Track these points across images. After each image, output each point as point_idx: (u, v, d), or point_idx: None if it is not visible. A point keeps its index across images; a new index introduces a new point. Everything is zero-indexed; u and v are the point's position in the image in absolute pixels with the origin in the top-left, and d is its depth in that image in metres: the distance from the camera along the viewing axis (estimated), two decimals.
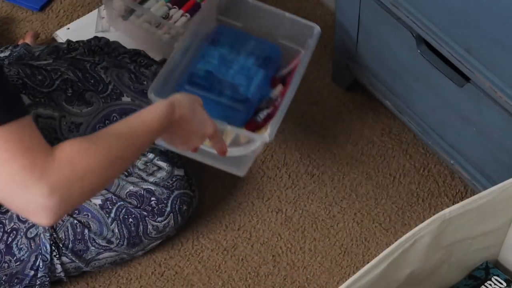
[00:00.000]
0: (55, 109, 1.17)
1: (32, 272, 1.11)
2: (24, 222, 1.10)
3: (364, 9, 1.22)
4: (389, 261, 0.83)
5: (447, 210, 0.87)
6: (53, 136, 1.17)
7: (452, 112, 1.15)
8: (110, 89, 1.22)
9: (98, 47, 1.32)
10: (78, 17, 1.60)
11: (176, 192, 1.18)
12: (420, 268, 0.91)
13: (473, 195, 1.26)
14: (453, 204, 1.28)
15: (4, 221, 1.10)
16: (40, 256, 1.11)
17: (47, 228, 1.10)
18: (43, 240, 1.10)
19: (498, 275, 1.01)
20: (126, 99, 1.23)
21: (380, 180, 1.32)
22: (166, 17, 1.50)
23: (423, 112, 1.25)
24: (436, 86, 1.15)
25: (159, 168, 1.17)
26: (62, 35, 1.56)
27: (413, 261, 0.88)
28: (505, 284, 1.01)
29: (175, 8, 1.51)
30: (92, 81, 1.22)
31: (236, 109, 1.22)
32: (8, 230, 1.10)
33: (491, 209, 0.92)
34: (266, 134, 1.12)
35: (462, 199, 1.28)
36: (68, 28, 1.57)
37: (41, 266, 1.11)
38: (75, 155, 0.79)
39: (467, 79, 1.06)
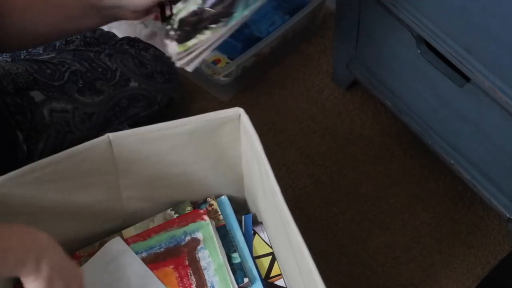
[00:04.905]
0: (68, 102, 1.18)
1: None
2: None
3: (364, 9, 1.22)
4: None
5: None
6: (66, 129, 1.18)
7: (452, 112, 1.15)
8: (118, 75, 1.24)
9: (93, 38, 1.33)
10: None
11: None
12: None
13: (473, 195, 1.26)
14: (452, 204, 1.28)
15: None
16: None
17: None
18: None
19: None
20: (133, 84, 1.24)
21: (379, 180, 1.32)
22: None
23: (423, 112, 1.25)
24: (436, 86, 1.15)
25: None
26: None
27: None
28: None
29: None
30: (100, 70, 1.23)
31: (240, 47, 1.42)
32: None
33: None
34: None
35: (462, 199, 1.29)
36: None
37: None
38: None
39: (467, 79, 1.06)
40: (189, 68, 0.97)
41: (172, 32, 0.95)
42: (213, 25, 0.99)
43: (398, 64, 1.23)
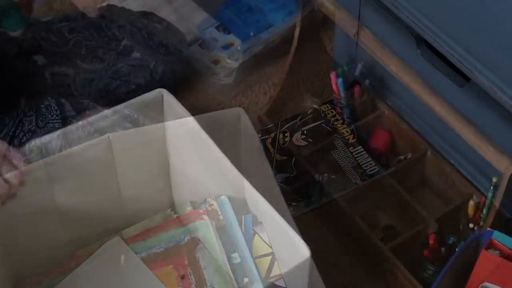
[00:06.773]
0: (69, 67, 1.25)
1: None
2: None
3: (364, 9, 1.22)
4: None
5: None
6: (67, 92, 1.24)
7: (452, 112, 1.15)
8: (122, 45, 1.30)
9: (108, 11, 1.38)
10: None
11: None
12: None
13: (473, 195, 1.26)
14: (452, 204, 1.28)
15: None
16: None
17: None
18: None
19: None
20: (136, 55, 1.30)
21: (380, 180, 1.32)
22: None
23: (423, 112, 1.25)
24: (436, 86, 1.15)
25: None
26: None
27: None
28: None
29: None
30: (106, 39, 1.29)
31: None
32: None
33: None
34: None
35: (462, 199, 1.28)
36: None
37: None
38: None
39: (467, 79, 1.05)
40: None
41: None
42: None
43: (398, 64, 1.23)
